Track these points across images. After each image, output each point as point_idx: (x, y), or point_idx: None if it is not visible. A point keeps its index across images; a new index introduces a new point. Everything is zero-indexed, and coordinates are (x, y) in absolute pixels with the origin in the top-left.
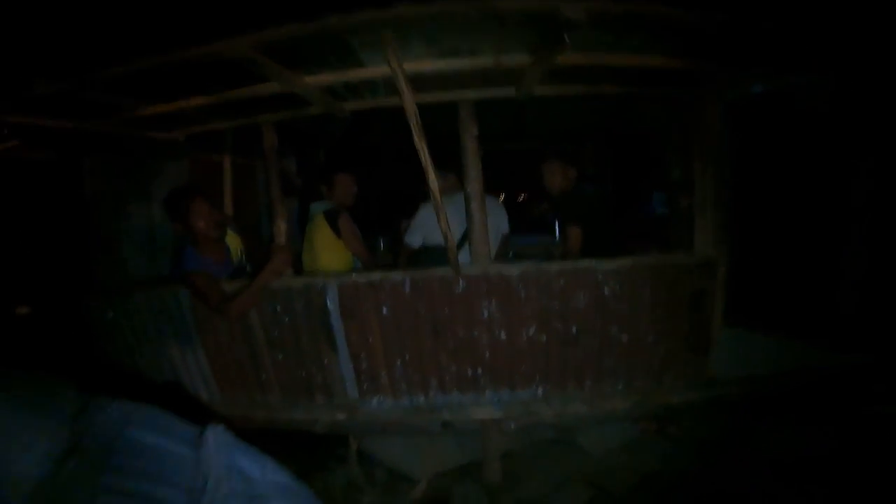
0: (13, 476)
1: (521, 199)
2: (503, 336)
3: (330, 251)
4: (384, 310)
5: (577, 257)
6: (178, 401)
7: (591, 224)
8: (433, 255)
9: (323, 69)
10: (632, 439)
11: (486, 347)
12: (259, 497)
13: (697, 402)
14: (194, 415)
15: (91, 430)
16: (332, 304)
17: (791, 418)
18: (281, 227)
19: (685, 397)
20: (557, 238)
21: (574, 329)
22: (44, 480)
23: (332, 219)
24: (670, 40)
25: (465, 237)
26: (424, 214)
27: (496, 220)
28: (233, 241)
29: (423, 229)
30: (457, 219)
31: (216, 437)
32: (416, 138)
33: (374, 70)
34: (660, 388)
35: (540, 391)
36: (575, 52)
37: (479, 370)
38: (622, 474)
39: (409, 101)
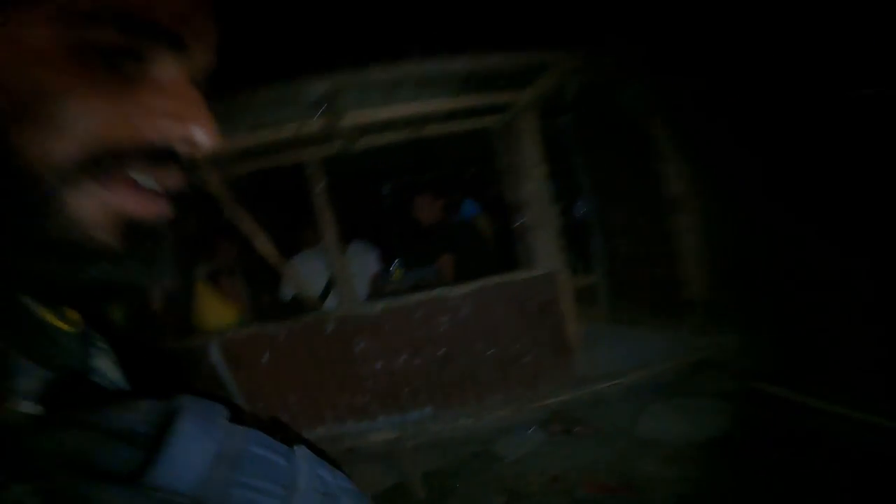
0: (192, 465)
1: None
2: (380, 366)
3: (214, 311)
4: (265, 358)
5: (453, 282)
6: None
7: (462, 250)
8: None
9: None
10: (542, 442)
11: (368, 378)
12: (331, 495)
13: (572, 401)
14: None
15: (229, 444)
16: (216, 359)
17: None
18: None
19: (560, 397)
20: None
21: (443, 351)
22: (203, 473)
23: (214, 281)
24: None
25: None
26: (293, 268)
27: (363, 263)
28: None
29: (293, 282)
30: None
31: (301, 452)
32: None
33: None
34: (536, 392)
35: (429, 410)
36: None
37: (368, 398)
38: (533, 477)
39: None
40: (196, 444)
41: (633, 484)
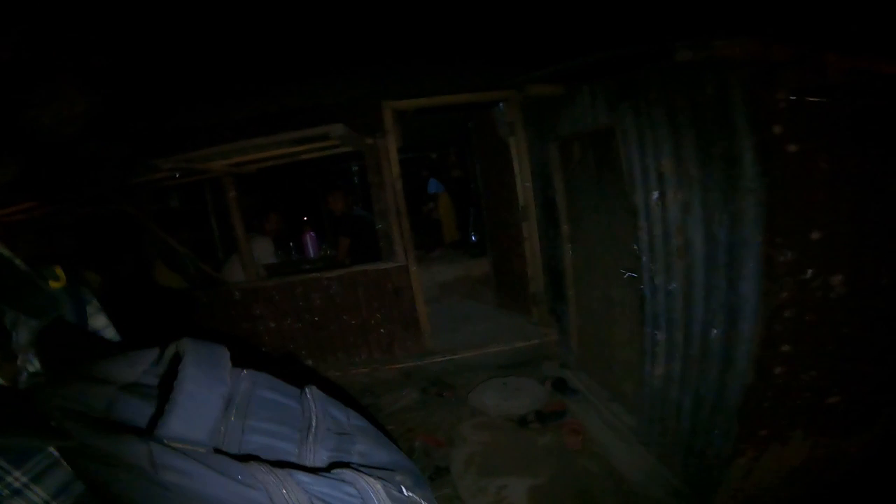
0: (205, 413)
1: None
2: (273, 325)
3: (168, 281)
4: (193, 313)
5: (342, 257)
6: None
7: (358, 237)
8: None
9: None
10: (417, 401)
11: (264, 334)
12: (345, 434)
13: (420, 368)
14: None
15: (237, 389)
16: (163, 310)
17: (507, 380)
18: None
19: (412, 363)
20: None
21: (317, 319)
22: (217, 420)
23: (165, 258)
24: None
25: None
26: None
27: (264, 251)
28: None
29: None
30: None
31: (312, 392)
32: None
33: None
34: (393, 358)
35: (310, 362)
36: None
37: (264, 349)
38: (396, 426)
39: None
40: (206, 391)
41: (451, 441)
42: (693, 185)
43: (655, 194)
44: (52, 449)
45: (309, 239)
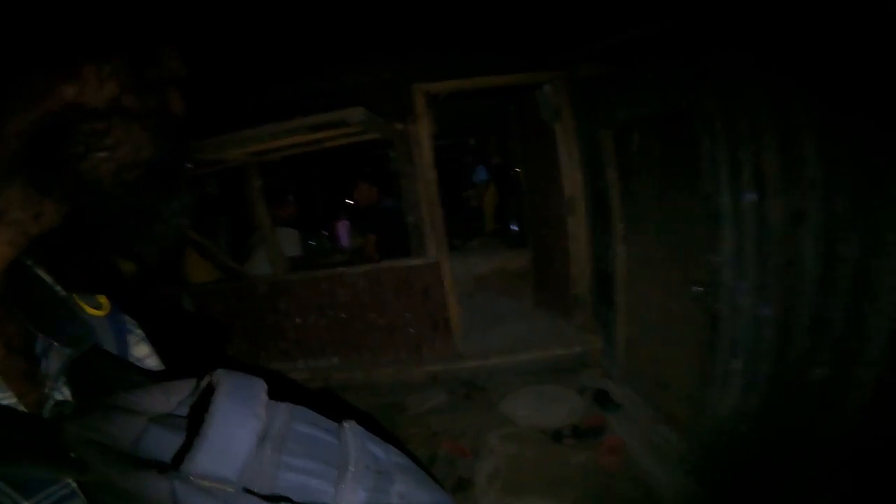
0: (235, 449)
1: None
2: (298, 321)
3: (197, 269)
4: (219, 308)
5: (374, 258)
6: None
7: (387, 231)
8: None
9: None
10: (444, 402)
11: (289, 329)
12: (384, 472)
13: (449, 372)
14: None
15: (273, 423)
16: (187, 305)
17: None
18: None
19: (440, 367)
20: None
21: (343, 315)
22: (248, 456)
23: (197, 246)
24: None
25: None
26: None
27: (289, 243)
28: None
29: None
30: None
31: (351, 428)
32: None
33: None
34: (420, 360)
35: (335, 360)
36: None
37: (289, 345)
38: (419, 429)
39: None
40: (237, 426)
41: (477, 450)
42: (810, 189)
43: (750, 196)
44: (70, 481)
45: (342, 227)
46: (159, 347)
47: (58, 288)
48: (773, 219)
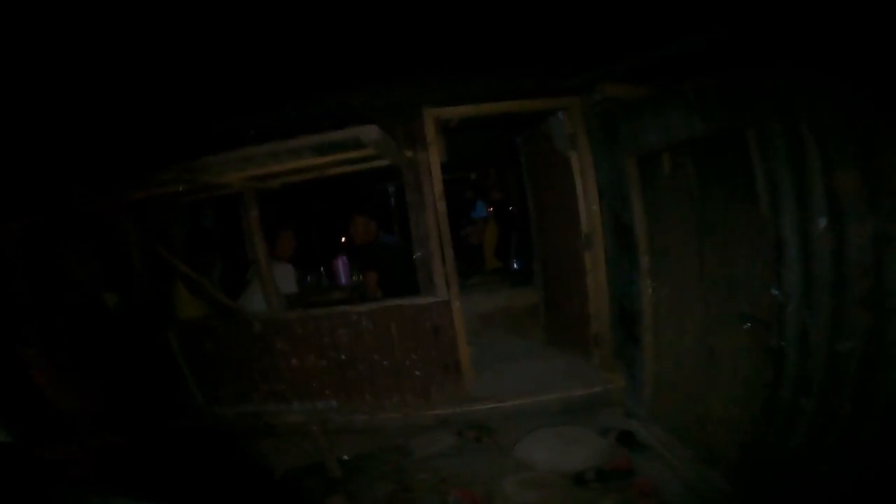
0: None
1: None
2: (294, 362)
3: (186, 306)
4: (209, 345)
5: (376, 296)
6: None
7: (388, 268)
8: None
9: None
10: (451, 446)
11: (285, 370)
12: None
13: (460, 415)
14: None
15: None
16: (173, 342)
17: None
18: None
19: (451, 410)
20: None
21: (344, 356)
22: None
23: (188, 282)
24: None
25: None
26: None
27: (285, 279)
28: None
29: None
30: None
31: None
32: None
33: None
34: (428, 403)
35: (334, 403)
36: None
37: (285, 386)
38: (426, 475)
39: None
40: None
41: (491, 498)
42: None
43: (822, 221)
44: None
45: (341, 264)
46: None
47: None
48: (854, 245)
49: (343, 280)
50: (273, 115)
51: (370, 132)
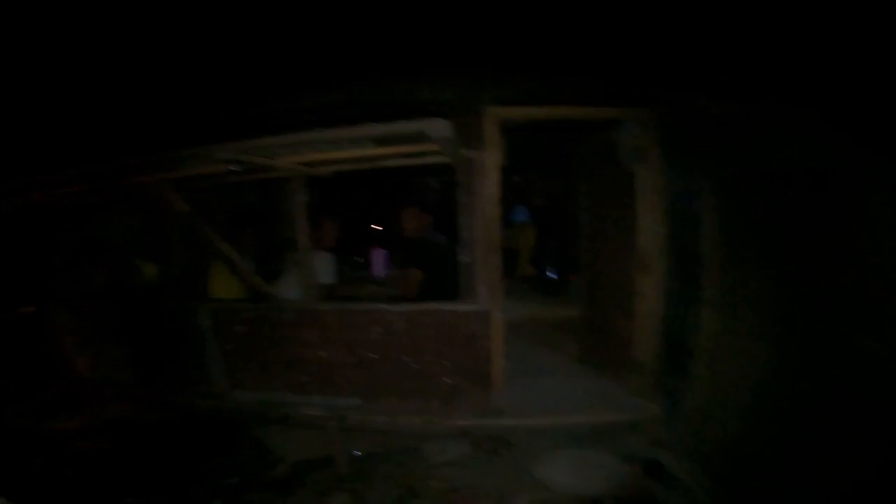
0: None
1: None
2: (322, 354)
3: (224, 284)
4: (239, 328)
5: (412, 294)
6: None
7: (433, 268)
8: None
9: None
10: (466, 455)
11: (310, 362)
12: None
13: (482, 427)
14: None
15: None
16: (203, 322)
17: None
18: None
19: (474, 422)
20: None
21: (373, 355)
22: None
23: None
24: None
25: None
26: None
27: (325, 269)
28: (146, 268)
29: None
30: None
31: None
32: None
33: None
34: (452, 411)
35: (356, 401)
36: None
37: (308, 378)
38: (437, 483)
39: None
40: None
41: None
42: None
43: None
44: None
45: (378, 256)
46: None
47: None
48: None
49: (379, 273)
50: (333, 96)
51: (439, 126)
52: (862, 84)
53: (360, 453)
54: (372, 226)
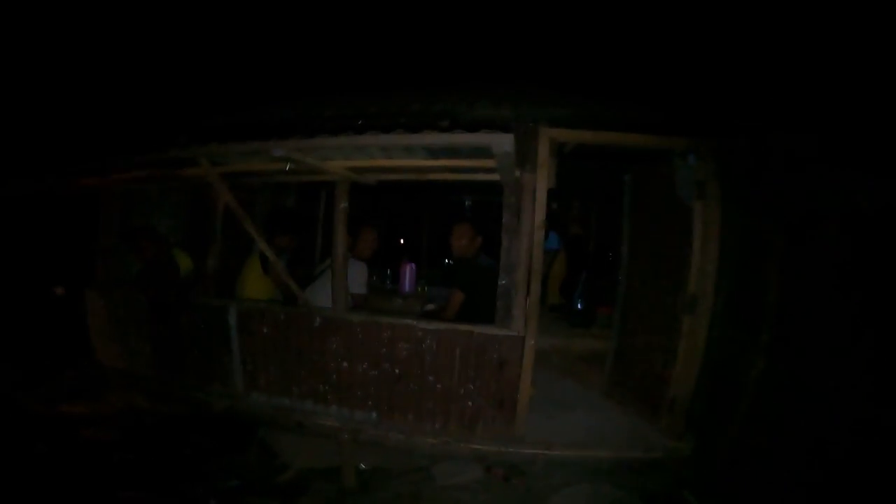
0: None
1: None
2: (345, 366)
3: (255, 284)
4: (265, 330)
5: (450, 316)
6: None
7: (477, 292)
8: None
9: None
10: (477, 480)
11: (333, 372)
12: None
13: (502, 455)
14: None
15: None
16: (231, 320)
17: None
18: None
19: (493, 448)
20: None
21: (398, 371)
22: None
23: (264, 261)
24: None
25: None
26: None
27: (357, 279)
28: (183, 260)
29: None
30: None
31: None
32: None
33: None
34: (472, 435)
35: (373, 415)
36: None
37: (328, 388)
38: None
39: None
40: None
41: None
42: None
43: None
44: None
45: (409, 271)
46: None
47: None
48: None
49: (408, 288)
50: (389, 102)
51: (504, 141)
52: None
53: (365, 467)
54: (401, 240)
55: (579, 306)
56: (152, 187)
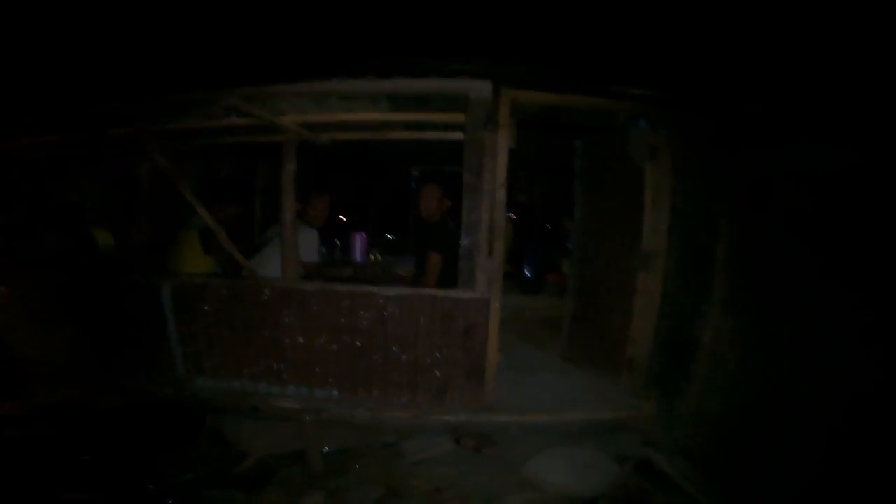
0: None
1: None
2: (301, 341)
3: (192, 259)
4: (207, 307)
5: (432, 281)
6: None
7: (450, 255)
8: None
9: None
10: (448, 453)
11: (288, 349)
12: None
13: (473, 424)
14: None
15: None
16: (164, 298)
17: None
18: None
19: (464, 418)
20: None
21: (360, 343)
22: None
23: (204, 236)
24: None
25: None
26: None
27: (308, 247)
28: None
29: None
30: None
31: None
32: None
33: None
34: (442, 407)
35: (335, 393)
36: None
37: (284, 366)
38: (419, 482)
39: None
40: None
41: None
42: None
43: None
44: None
45: (359, 239)
46: None
47: None
48: None
49: (359, 257)
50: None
51: (483, 88)
52: None
53: (328, 449)
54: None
55: (528, 274)
56: (76, 153)
